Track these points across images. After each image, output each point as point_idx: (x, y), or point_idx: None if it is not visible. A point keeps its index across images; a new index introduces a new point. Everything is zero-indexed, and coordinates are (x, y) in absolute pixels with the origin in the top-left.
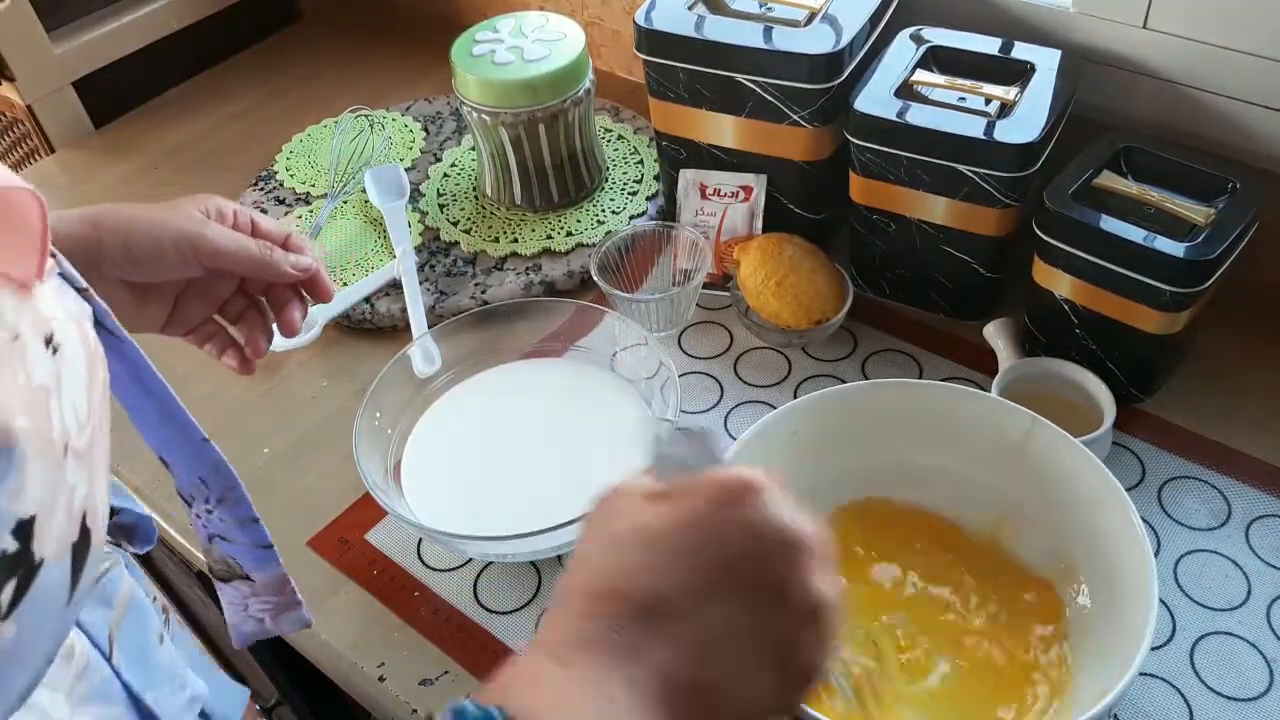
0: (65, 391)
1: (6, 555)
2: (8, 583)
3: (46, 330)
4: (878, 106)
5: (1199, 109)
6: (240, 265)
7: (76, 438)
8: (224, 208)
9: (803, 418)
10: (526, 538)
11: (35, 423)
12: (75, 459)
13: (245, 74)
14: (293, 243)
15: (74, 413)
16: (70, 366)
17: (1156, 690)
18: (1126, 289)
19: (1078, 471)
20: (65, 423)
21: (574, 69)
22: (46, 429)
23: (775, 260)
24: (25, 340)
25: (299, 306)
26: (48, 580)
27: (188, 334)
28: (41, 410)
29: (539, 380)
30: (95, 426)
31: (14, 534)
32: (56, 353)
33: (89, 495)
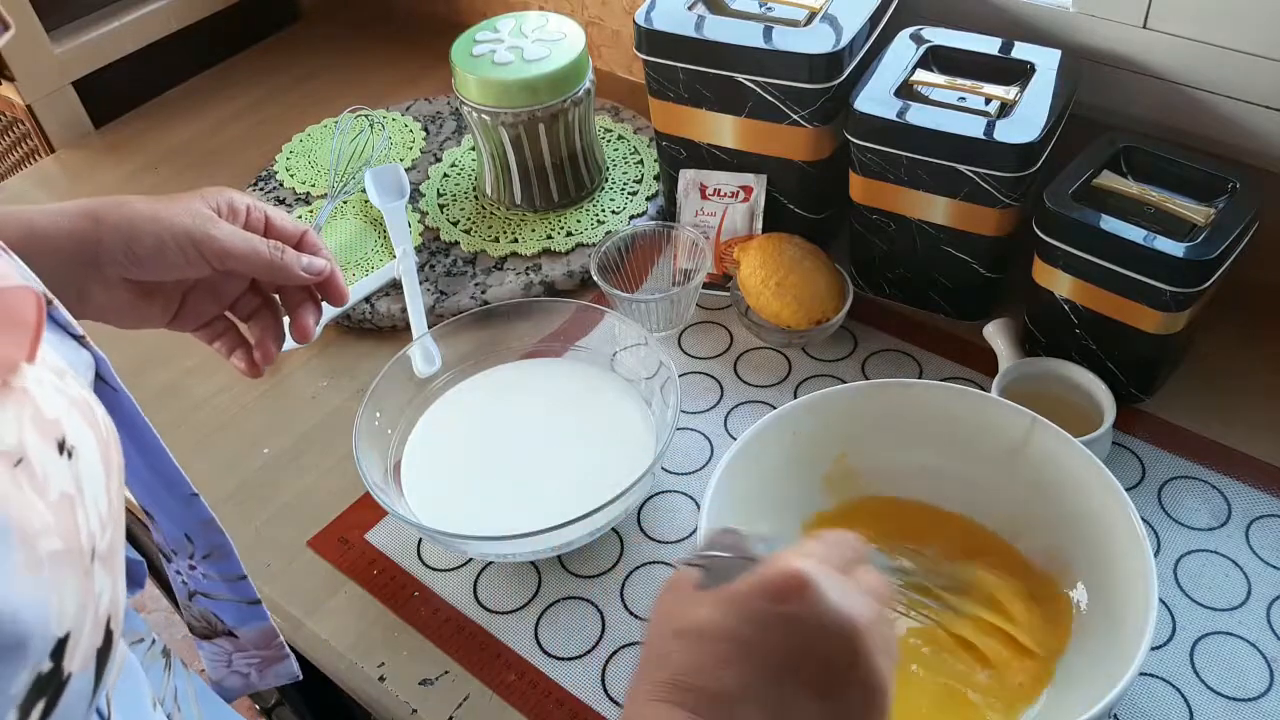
0: (87, 494)
1: (41, 676)
2: (38, 704)
3: (57, 435)
4: (878, 106)
5: (1199, 109)
6: (249, 267)
7: (101, 540)
8: (236, 203)
9: (803, 418)
10: (526, 538)
11: (65, 540)
12: (101, 564)
13: (245, 74)
14: (308, 241)
15: (97, 513)
16: (88, 467)
17: (1156, 690)
18: (1126, 289)
19: (1078, 471)
20: (91, 528)
21: (574, 69)
22: (75, 542)
23: (775, 260)
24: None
25: (312, 310)
26: (74, 691)
27: (196, 330)
28: (69, 523)
29: (539, 380)
30: (115, 520)
31: (50, 656)
32: (72, 456)
33: (113, 597)
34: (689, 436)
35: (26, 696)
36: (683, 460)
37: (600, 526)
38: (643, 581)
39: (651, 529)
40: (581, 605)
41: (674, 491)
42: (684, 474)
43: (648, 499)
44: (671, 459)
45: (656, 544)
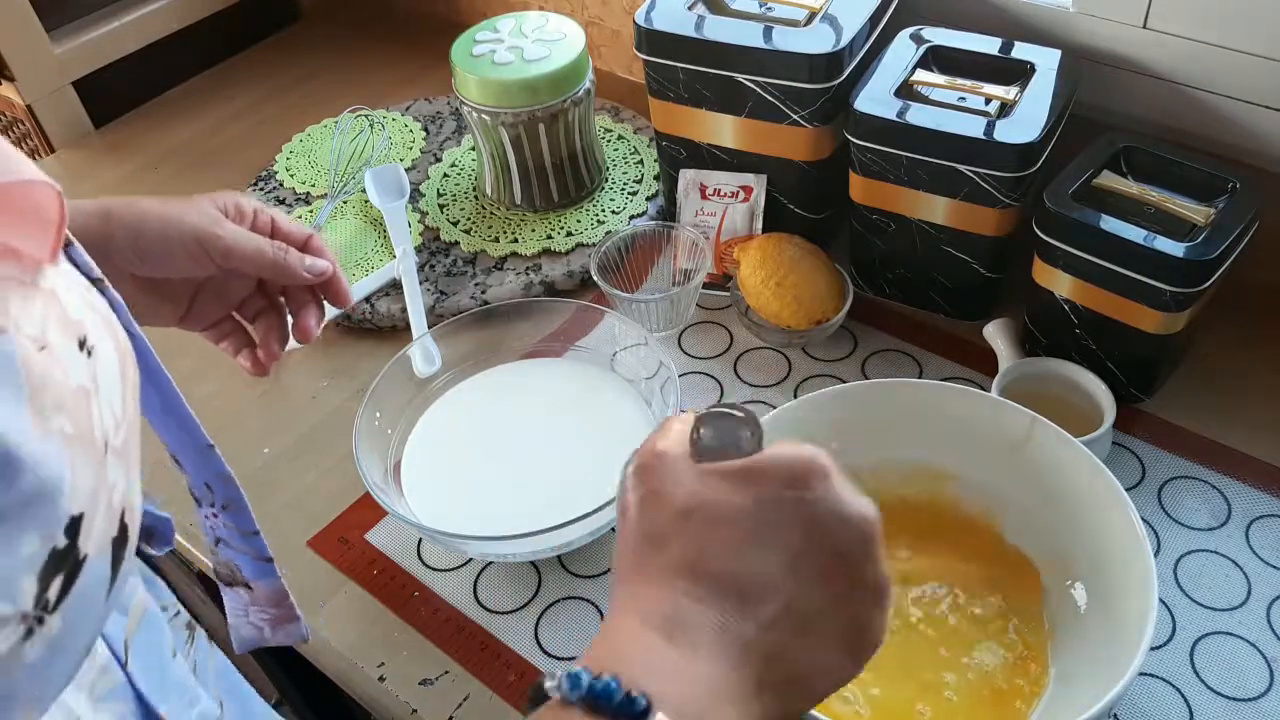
0: (103, 392)
1: (57, 551)
2: (56, 577)
3: (79, 333)
4: (878, 106)
5: (1199, 109)
6: (253, 266)
7: (114, 436)
8: (244, 205)
9: (803, 418)
10: (526, 538)
11: (78, 425)
12: (115, 457)
13: (245, 74)
14: (313, 245)
15: (111, 412)
16: (105, 367)
17: (1156, 690)
18: (1126, 289)
19: (1078, 471)
20: (104, 422)
21: (574, 69)
22: (89, 430)
23: (775, 260)
24: (55, 347)
25: (315, 311)
26: (91, 575)
27: (204, 330)
28: (83, 412)
29: (539, 380)
30: (130, 425)
31: (65, 532)
32: (91, 355)
33: (126, 492)
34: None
35: (45, 567)
36: None
37: (600, 526)
38: None
39: None
40: (581, 605)
41: None
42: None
43: None
44: None
45: None
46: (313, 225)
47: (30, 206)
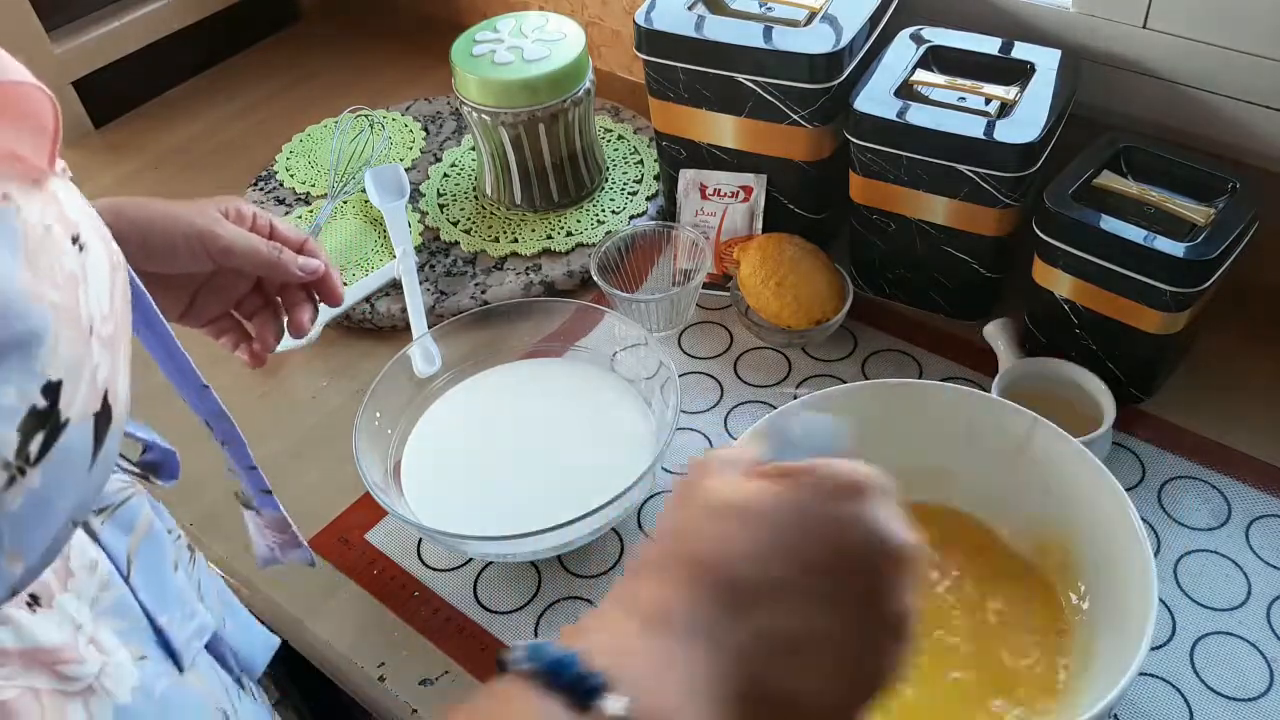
0: (91, 284)
1: (36, 410)
2: (37, 434)
3: (73, 230)
4: (878, 106)
5: (1199, 109)
6: (249, 263)
7: (101, 325)
8: (243, 209)
9: None
10: (526, 538)
11: (65, 300)
12: (99, 342)
13: (245, 74)
14: (308, 247)
15: (98, 303)
16: (95, 264)
17: (1156, 690)
18: (1126, 289)
19: (1078, 472)
20: (91, 309)
21: (574, 69)
22: (74, 308)
23: (775, 260)
24: (56, 234)
25: (308, 308)
26: (71, 438)
27: (204, 326)
28: (71, 293)
29: (539, 380)
30: (117, 322)
31: (43, 393)
32: (83, 250)
33: (111, 375)
34: (689, 436)
35: (25, 422)
36: (683, 460)
37: (600, 526)
38: None
39: (652, 529)
40: (581, 605)
41: None
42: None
43: (648, 499)
44: (671, 459)
45: None
46: (313, 225)
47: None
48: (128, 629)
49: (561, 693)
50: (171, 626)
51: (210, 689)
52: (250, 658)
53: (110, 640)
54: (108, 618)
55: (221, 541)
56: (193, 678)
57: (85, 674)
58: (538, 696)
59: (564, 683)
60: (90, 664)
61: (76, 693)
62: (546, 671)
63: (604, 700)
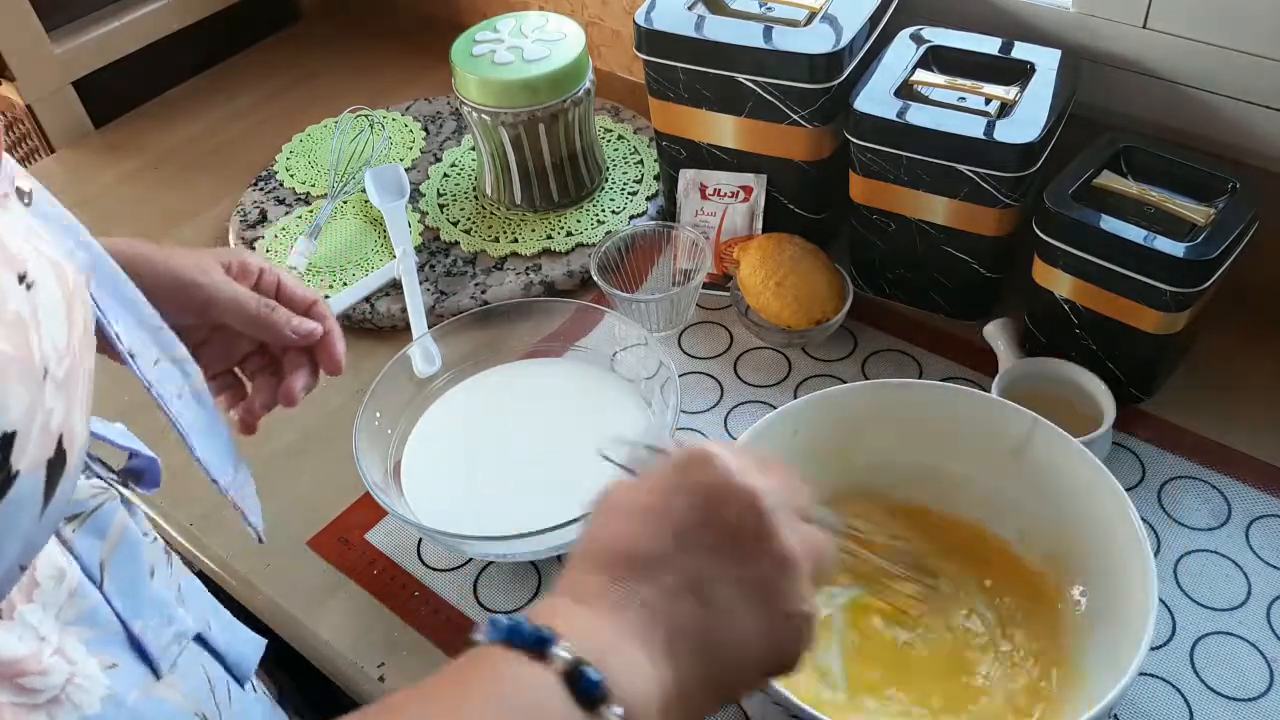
0: (43, 325)
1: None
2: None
3: (19, 268)
4: (878, 106)
5: (1199, 109)
6: (234, 319)
7: (56, 366)
8: (250, 263)
9: (803, 418)
10: (526, 538)
11: (14, 349)
12: (54, 385)
13: (245, 74)
14: (316, 310)
15: (53, 344)
16: (47, 300)
17: (1156, 690)
18: (1126, 289)
19: (1078, 472)
20: (44, 351)
21: (574, 69)
22: (26, 355)
23: (775, 260)
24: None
25: (302, 375)
26: (21, 490)
27: (207, 380)
28: (20, 338)
29: (539, 380)
30: (74, 360)
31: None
32: (31, 288)
33: (66, 420)
34: (689, 436)
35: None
36: None
37: None
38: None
39: None
40: None
41: None
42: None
43: None
44: None
45: None
46: (313, 225)
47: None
48: (99, 638)
49: (520, 649)
50: (147, 633)
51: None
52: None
53: (78, 650)
54: (76, 627)
55: (222, 542)
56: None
57: (50, 685)
58: (502, 654)
59: (522, 642)
60: (55, 675)
61: (40, 705)
62: (505, 638)
63: (554, 649)
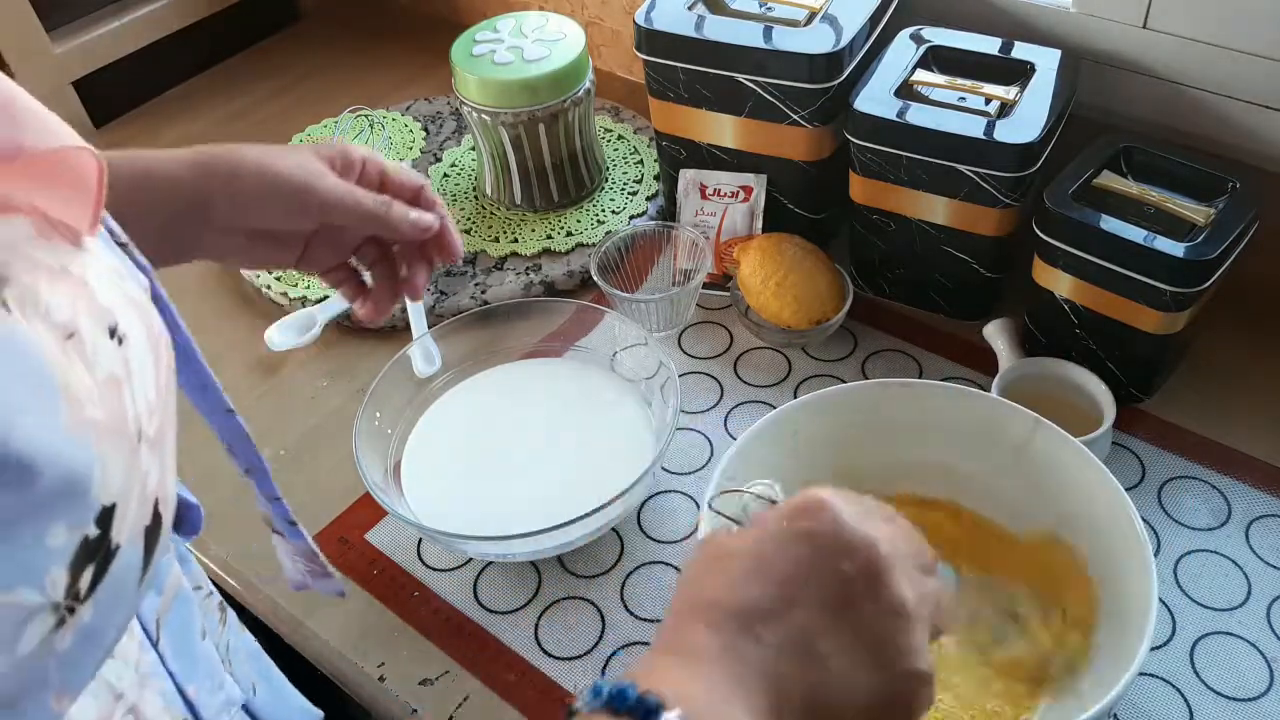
0: (135, 380)
1: (89, 541)
2: (88, 567)
3: (110, 321)
4: (878, 106)
5: (1199, 109)
6: (352, 220)
7: (148, 424)
8: (352, 155)
9: (803, 418)
10: (526, 538)
11: (110, 415)
12: (148, 446)
13: (245, 74)
14: (424, 197)
15: (145, 399)
16: (137, 354)
17: (1156, 690)
18: (1126, 289)
19: (1078, 472)
20: (138, 410)
21: (574, 69)
22: (122, 419)
23: (775, 260)
24: (84, 335)
25: (423, 270)
26: (123, 564)
27: (321, 276)
28: (115, 401)
29: (539, 380)
30: (164, 410)
31: (96, 522)
32: (122, 343)
33: (160, 480)
34: (689, 436)
35: (75, 557)
36: (683, 460)
37: (600, 526)
38: (643, 581)
39: (651, 529)
40: (581, 605)
41: (674, 491)
42: (684, 474)
43: (648, 499)
44: (671, 459)
45: (656, 544)
46: None
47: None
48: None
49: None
50: (200, 697)
51: None
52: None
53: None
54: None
55: (222, 543)
56: None
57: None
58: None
59: (628, 708)
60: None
61: None
62: (610, 704)
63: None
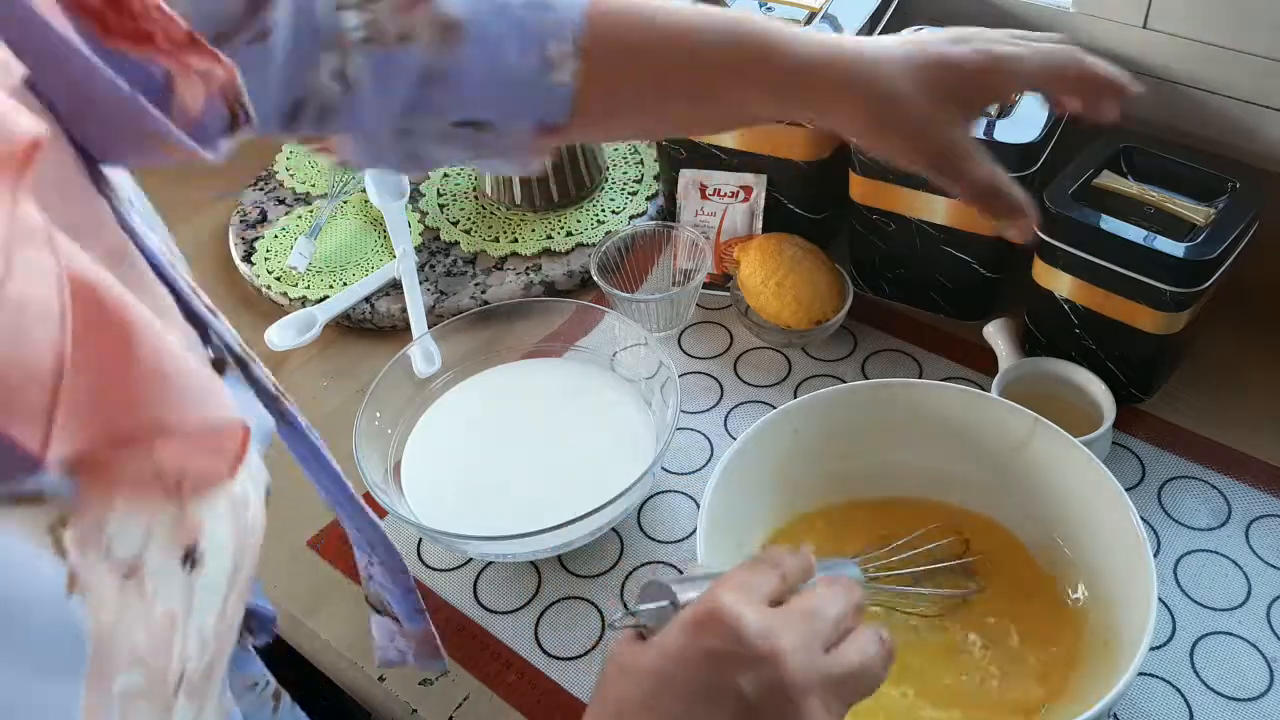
0: (195, 611)
1: None
2: None
3: (188, 541)
4: None
5: (1199, 109)
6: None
7: (194, 665)
8: None
9: (803, 418)
10: (526, 538)
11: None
12: (186, 695)
13: None
14: None
15: (199, 635)
16: (210, 579)
17: (1156, 690)
18: (1126, 289)
19: (1078, 472)
20: (187, 652)
21: None
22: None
23: (775, 260)
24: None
25: None
26: None
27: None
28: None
29: (539, 380)
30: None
31: None
32: (195, 566)
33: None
34: (689, 436)
35: None
36: (683, 460)
37: (600, 526)
38: (643, 582)
39: (651, 529)
40: (581, 605)
41: (674, 491)
42: (684, 474)
43: (648, 499)
44: (671, 459)
45: (656, 544)
46: (313, 225)
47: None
48: None
49: None
50: None
51: None
52: None
53: None
54: None
55: None
56: None
57: None
58: None
59: None
60: None
61: None
62: None
63: None
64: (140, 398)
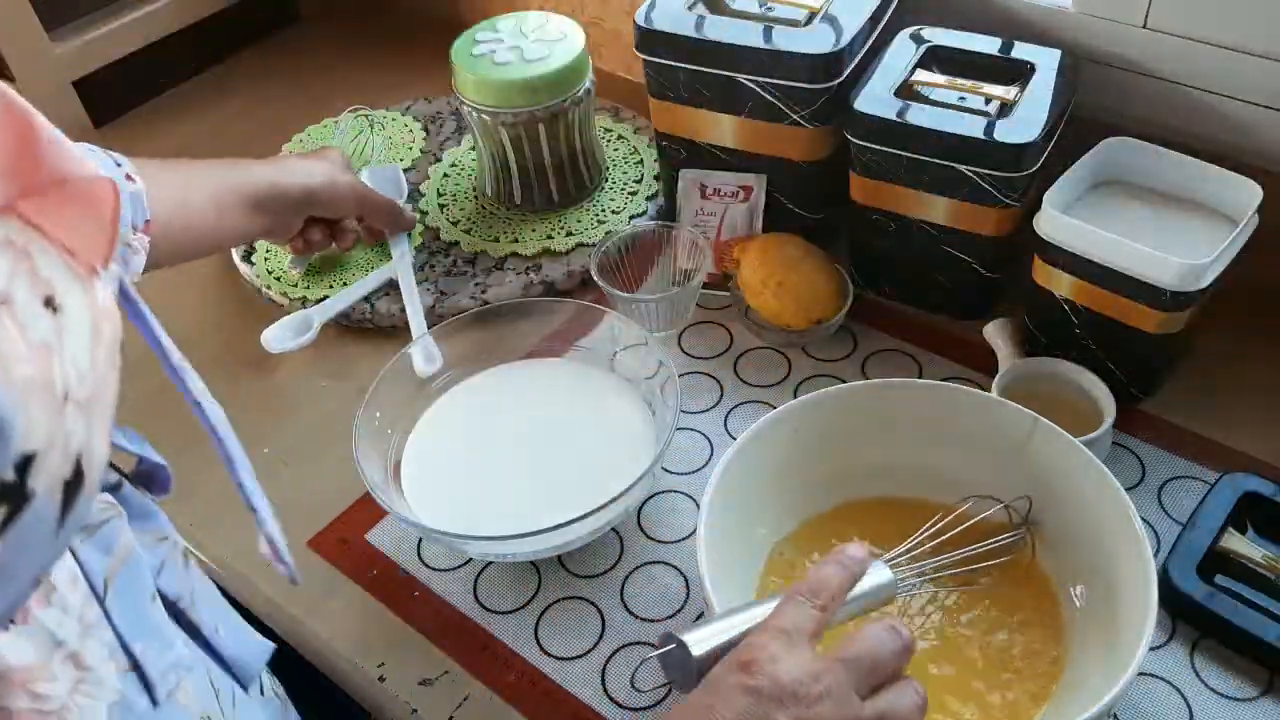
0: (67, 350)
1: (4, 484)
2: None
3: (45, 292)
4: (878, 106)
5: (1199, 109)
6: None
7: (77, 388)
8: None
9: (803, 418)
10: (526, 538)
11: (36, 372)
12: (75, 408)
13: (245, 74)
14: None
15: (75, 367)
16: (74, 327)
17: (1156, 690)
18: (1126, 289)
19: (1078, 471)
20: (67, 374)
21: (574, 69)
22: (49, 379)
23: (775, 260)
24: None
25: None
26: (37, 510)
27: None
28: (44, 364)
29: (539, 380)
30: (98, 380)
31: (14, 468)
32: (57, 312)
33: (86, 441)
34: (689, 436)
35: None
36: (683, 460)
37: (600, 526)
38: (643, 581)
39: (651, 529)
40: (581, 605)
41: (674, 491)
42: (684, 474)
43: (648, 499)
44: (671, 459)
45: (656, 544)
46: None
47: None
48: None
49: None
50: (146, 655)
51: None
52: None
53: (99, 654)
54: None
55: (221, 542)
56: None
57: (56, 693)
58: None
59: None
60: (61, 682)
61: (52, 711)
62: None
63: None
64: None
